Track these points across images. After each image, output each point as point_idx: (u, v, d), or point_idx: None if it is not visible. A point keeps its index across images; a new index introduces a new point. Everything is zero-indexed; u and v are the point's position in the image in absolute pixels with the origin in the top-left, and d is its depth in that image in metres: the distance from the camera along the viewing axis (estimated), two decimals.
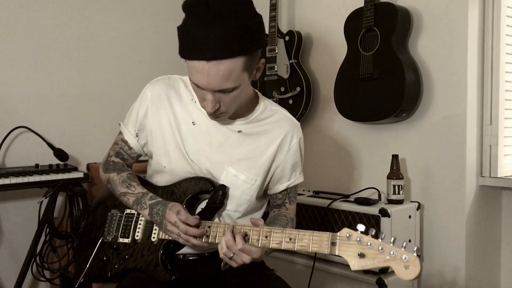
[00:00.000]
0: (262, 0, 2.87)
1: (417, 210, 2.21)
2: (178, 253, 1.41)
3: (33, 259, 2.05)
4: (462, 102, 2.15)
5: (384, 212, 2.03)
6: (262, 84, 2.78)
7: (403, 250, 1.07)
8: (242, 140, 1.38)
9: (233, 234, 1.22)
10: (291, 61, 2.65)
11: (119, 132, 1.49)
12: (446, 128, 2.20)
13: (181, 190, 1.38)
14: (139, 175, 1.51)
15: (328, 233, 1.14)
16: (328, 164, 2.66)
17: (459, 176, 2.17)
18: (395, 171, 2.20)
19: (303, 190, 2.51)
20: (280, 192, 1.48)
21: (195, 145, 1.38)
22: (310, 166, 2.75)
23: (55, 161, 2.27)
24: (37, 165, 2.21)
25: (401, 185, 2.18)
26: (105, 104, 2.58)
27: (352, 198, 2.26)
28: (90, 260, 1.42)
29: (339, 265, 2.20)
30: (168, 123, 1.39)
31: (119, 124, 1.49)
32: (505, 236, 2.34)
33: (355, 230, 1.11)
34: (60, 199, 2.14)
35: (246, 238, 1.22)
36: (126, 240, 1.42)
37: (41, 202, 2.01)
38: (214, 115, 1.27)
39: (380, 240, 1.09)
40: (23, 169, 2.15)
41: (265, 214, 1.54)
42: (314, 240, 1.15)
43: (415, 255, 1.06)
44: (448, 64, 2.19)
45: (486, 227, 2.27)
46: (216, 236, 1.27)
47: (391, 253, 1.07)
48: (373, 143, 2.47)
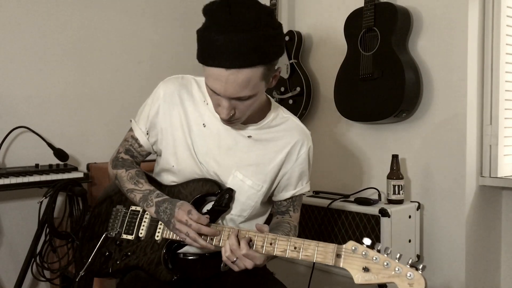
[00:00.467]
0: (262, 0, 2.88)
1: (417, 210, 2.21)
2: (179, 251, 1.41)
3: (33, 259, 2.05)
4: (462, 102, 2.15)
5: (384, 212, 2.03)
6: None
7: (408, 267, 1.07)
8: (251, 145, 1.38)
9: (237, 238, 1.22)
10: (291, 61, 2.65)
11: (130, 129, 1.48)
12: (446, 128, 2.20)
13: (187, 190, 1.38)
14: (146, 173, 1.51)
15: (333, 244, 1.13)
16: (328, 164, 2.66)
17: (459, 176, 2.17)
18: (395, 171, 2.20)
19: None
20: (285, 200, 1.48)
21: (204, 146, 1.38)
22: None
23: (55, 161, 2.27)
24: (37, 165, 2.21)
25: (401, 185, 2.18)
26: (105, 104, 2.58)
27: (352, 198, 2.26)
28: (93, 254, 1.42)
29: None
30: (179, 122, 1.39)
31: (130, 120, 1.49)
32: (505, 236, 2.34)
33: (361, 244, 1.11)
34: (60, 199, 2.14)
35: (250, 243, 1.21)
36: (130, 237, 1.42)
37: (41, 202, 2.01)
38: (229, 121, 1.27)
39: (385, 255, 1.09)
40: (23, 169, 2.15)
41: (267, 218, 1.53)
42: (319, 251, 1.14)
43: (420, 273, 1.06)
44: (448, 64, 2.19)
45: (486, 227, 2.27)
46: (220, 239, 1.27)
47: (396, 269, 1.07)
48: (373, 143, 2.47)
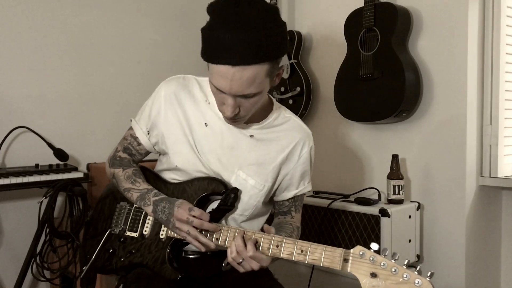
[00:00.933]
0: None
1: (417, 210, 2.21)
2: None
3: (33, 259, 2.05)
4: (462, 102, 2.15)
5: (384, 212, 2.03)
6: None
7: (416, 274, 1.06)
8: (253, 145, 1.38)
9: (243, 240, 1.22)
10: (291, 61, 2.65)
11: (129, 128, 1.48)
12: (446, 128, 2.20)
13: (193, 189, 1.38)
14: (151, 170, 1.50)
15: (341, 249, 1.13)
16: (328, 164, 2.66)
17: (459, 176, 2.17)
18: (395, 171, 2.20)
19: None
20: (287, 200, 1.48)
21: (206, 146, 1.38)
22: None
23: (55, 161, 2.27)
24: (37, 165, 2.21)
25: (401, 185, 2.18)
26: (105, 104, 2.58)
27: (352, 198, 2.26)
28: (97, 251, 1.42)
29: None
30: (181, 122, 1.39)
31: (131, 120, 1.48)
32: (505, 236, 2.34)
33: (369, 249, 1.11)
34: (60, 199, 2.14)
35: (256, 245, 1.21)
36: (134, 234, 1.41)
37: (41, 202, 2.01)
38: (233, 119, 1.27)
39: (393, 261, 1.08)
40: (23, 169, 2.14)
41: (268, 218, 1.53)
42: (326, 255, 1.14)
43: (428, 280, 1.05)
44: (448, 64, 2.19)
45: (486, 227, 2.27)
46: (226, 240, 1.26)
47: (404, 276, 1.06)
48: (373, 143, 2.47)
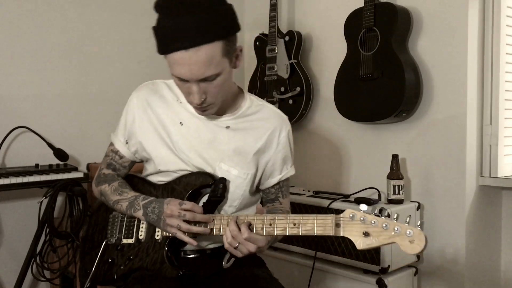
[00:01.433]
0: (262, 0, 2.89)
1: (417, 210, 2.21)
2: (180, 249, 1.42)
3: (33, 259, 2.05)
4: (462, 102, 2.15)
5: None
6: (262, 84, 2.78)
7: (407, 225, 1.08)
8: (231, 136, 1.40)
9: (237, 224, 1.23)
10: (291, 61, 2.65)
11: (110, 144, 1.51)
12: (446, 128, 2.20)
13: (181, 186, 1.39)
14: (138, 176, 1.52)
15: (332, 215, 1.15)
16: (328, 164, 2.66)
17: (459, 176, 2.17)
18: (395, 171, 2.20)
19: (303, 190, 2.51)
20: (272, 187, 1.50)
21: (185, 144, 1.40)
22: (310, 166, 2.75)
23: (55, 161, 2.27)
24: (37, 165, 2.21)
25: (401, 185, 2.18)
26: (105, 104, 2.58)
27: (352, 198, 2.25)
28: (96, 263, 1.42)
29: (339, 265, 2.20)
30: (156, 127, 1.41)
31: (110, 135, 1.51)
32: (505, 236, 2.34)
33: (358, 210, 1.13)
34: (60, 199, 2.14)
35: (250, 227, 1.23)
36: (130, 241, 1.42)
37: (41, 202, 2.01)
38: (201, 107, 1.29)
39: (383, 217, 1.10)
40: (23, 169, 2.14)
41: None
42: (318, 224, 1.16)
43: (419, 229, 1.07)
44: (448, 64, 2.19)
45: (486, 227, 2.27)
46: (220, 228, 1.28)
47: (395, 229, 1.08)
48: (373, 143, 2.47)
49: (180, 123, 1.41)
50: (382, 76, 2.22)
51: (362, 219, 1.11)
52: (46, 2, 2.39)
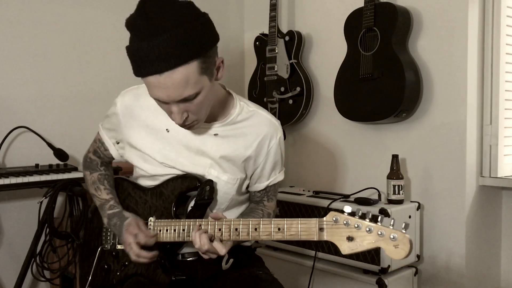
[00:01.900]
0: (262, 0, 2.89)
1: (417, 210, 2.21)
2: (178, 253, 1.41)
3: (33, 259, 2.05)
4: (462, 102, 2.15)
5: (384, 212, 2.03)
6: (262, 84, 2.78)
7: (390, 229, 1.02)
8: (219, 143, 1.37)
9: (199, 235, 1.21)
10: (291, 61, 2.65)
11: (98, 132, 1.52)
12: (446, 128, 2.20)
13: (169, 190, 1.38)
14: (128, 180, 1.50)
15: (315, 219, 1.10)
16: (328, 164, 2.66)
17: (459, 176, 2.17)
18: (395, 171, 2.20)
19: (303, 190, 2.51)
20: (258, 191, 1.49)
21: (172, 151, 1.37)
22: (310, 166, 2.75)
23: (55, 161, 2.27)
24: (37, 165, 2.21)
25: (401, 185, 2.18)
26: (105, 104, 2.56)
27: (352, 198, 2.26)
28: (92, 270, 1.43)
29: (339, 265, 2.20)
30: (141, 133, 1.39)
31: (100, 125, 1.51)
32: (505, 236, 2.34)
33: (342, 213, 1.07)
34: (60, 199, 2.14)
35: (212, 238, 1.21)
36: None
37: (41, 202, 2.01)
38: (185, 125, 1.25)
39: (367, 220, 1.04)
40: (23, 169, 2.14)
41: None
42: (302, 228, 1.11)
43: (403, 232, 1.01)
44: (448, 64, 2.19)
45: (486, 227, 2.27)
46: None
47: (379, 233, 1.02)
48: (373, 143, 2.47)
49: (167, 129, 1.37)
50: (382, 76, 2.22)
51: (345, 222, 1.06)
52: (46, 2, 2.39)
